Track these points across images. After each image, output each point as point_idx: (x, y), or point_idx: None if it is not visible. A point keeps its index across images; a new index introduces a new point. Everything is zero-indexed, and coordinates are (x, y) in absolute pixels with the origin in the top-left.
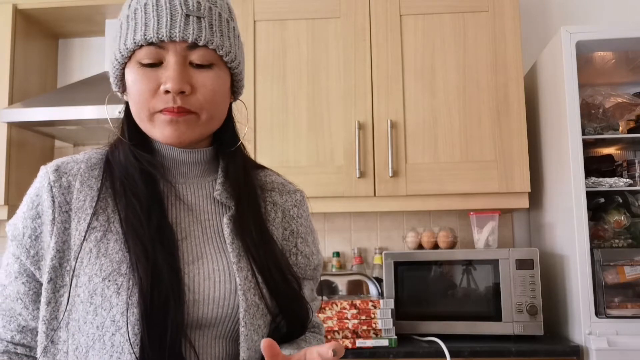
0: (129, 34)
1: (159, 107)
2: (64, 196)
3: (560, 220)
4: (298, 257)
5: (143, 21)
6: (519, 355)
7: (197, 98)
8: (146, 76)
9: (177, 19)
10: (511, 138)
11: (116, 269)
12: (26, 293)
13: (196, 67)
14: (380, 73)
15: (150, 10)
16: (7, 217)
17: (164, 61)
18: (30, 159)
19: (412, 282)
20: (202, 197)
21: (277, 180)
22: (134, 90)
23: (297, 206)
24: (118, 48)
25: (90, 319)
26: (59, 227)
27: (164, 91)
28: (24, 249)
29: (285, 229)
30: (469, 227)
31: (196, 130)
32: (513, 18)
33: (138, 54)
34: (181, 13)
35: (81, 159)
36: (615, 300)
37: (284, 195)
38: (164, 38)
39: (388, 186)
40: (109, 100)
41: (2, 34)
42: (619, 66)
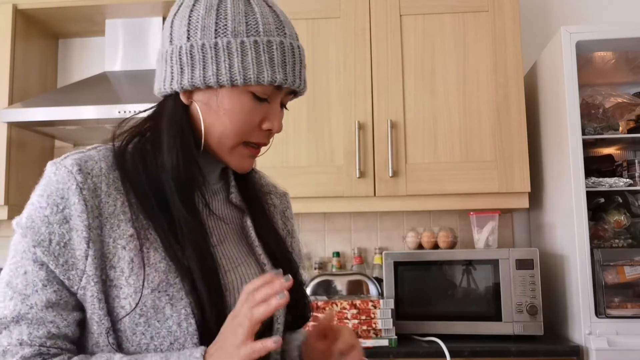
0: (265, 69)
1: (252, 140)
2: (94, 200)
3: (560, 220)
4: (292, 256)
5: (279, 61)
6: (519, 355)
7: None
8: (256, 110)
9: (301, 69)
10: (511, 138)
11: (164, 280)
12: (57, 302)
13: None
14: (380, 73)
15: (286, 52)
16: (7, 217)
17: (271, 100)
18: (30, 159)
19: (412, 282)
20: (220, 202)
21: (269, 182)
22: (240, 118)
23: (289, 207)
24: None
25: (142, 329)
26: (94, 233)
27: (267, 129)
28: (52, 257)
29: (282, 230)
30: (469, 227)
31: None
32: (513, 18)
33: (257, 86)
34: (301, 64)
35: (97, 157)
36: (615, 300)
37: (278, 198)
38: (294, 87)
39: (388, 186)
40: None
41: (2, 34)
42: (619, 66)
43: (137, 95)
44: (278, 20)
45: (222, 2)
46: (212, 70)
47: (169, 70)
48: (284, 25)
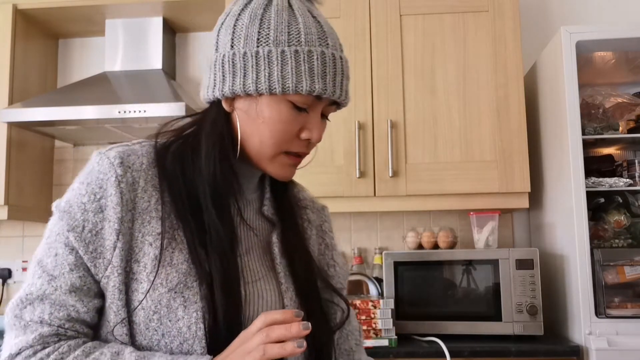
0: (303, 79)
1: (292, 149)
2: (130, 193)
3: (560, 220)
4: (336, 269)
5: (319, 72)
6: (519, 355)
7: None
8: (296, 119)
9: (342, 80)
10: (511, 138)
11: (182, 281)
12: (80, 288)
13: (323, 118)
14: (380, 73)
15: (327, 62)
16: (7, 217)
17: (311, 109)
18: (30, 159)
19: (412, 282)
20: (252, 212)
21: (307, 196)
22: (278, 127)
23: (327, 221)
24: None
25: (154, 326)
26: (125, 226)
27: (306, 138)
28: (83, 243)
29: (320, 244)
30: (469, 227)
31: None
32: (513, 18)
33: (296, 95)
34: (345, 75)
35: (141, 152)
36: (615, 300)
37: (315, 212)
38: (333, 97)
39: (388, 186)
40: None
41: (2, 34)
42: (619, 66)
43: (137, 95)
44: (321, 31)
45: (267, 12)
46: (251, 79)
47: (212, 78)
48: (327, 35)
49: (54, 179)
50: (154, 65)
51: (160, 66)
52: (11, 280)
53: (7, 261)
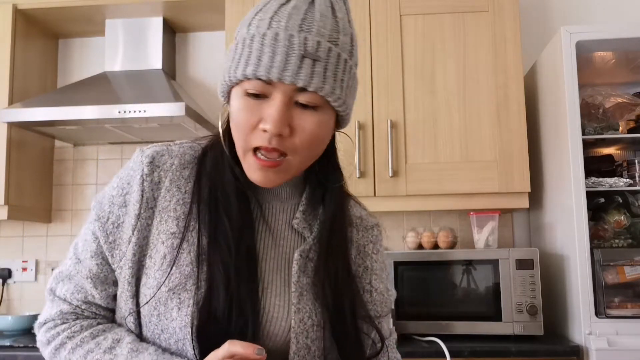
0: (241, 63)
1: (254, 143)
2: (153, 192)
3: (560, 220)
4: (373, 295)
5: (257, 54)
6: (519, 355)
7: (294, 141)
8: (250, 108)
9: (291, 60)
10: (511, 138)
11: (182, 283)
12: (97, 275)
13: (301, 107)
14: (380, 73)
15: (267, 43)
16: (7, 217)
17: (270, 96)
18: (30, 159)
19: (412, 282)
20: (282, 222)
21: (357, 213)
22: (237, 119)
23: (374, 242)
24: (228, 72)
25: (155, 321)
26: (142, 222)
27: (263, 129)
28: (104, 233)
29: (359, 266)
30: (469, 227)
31: (286, 176)
32: (513, 18)
33: (246, 82)
34: (297, 54)
35: (176, 152)
36: (615, 300)
37: (361, 232)
38: (273, 78)
39: (388, 186)
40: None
41: (2, 34)
42: (619, 66)
43: (137, 95)
44: (280, 12)
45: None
46: (223, 72)
47: None
48: (284, 17)
49: (54, 179)
50: (154, 65)
51: (160, 66)
52: (11, 280)
53: (7, 261)
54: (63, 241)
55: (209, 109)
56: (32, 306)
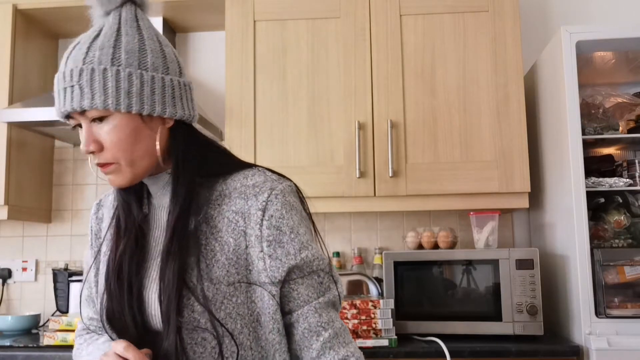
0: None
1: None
2: (99, 225)
3: (560, 220)
4: (266, 261)
5: (55, 99)
6: (519, 355)
7: (108, 151)
8: (80, 137)
9: (61, 95)
10: (511, 138)
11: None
12: (89, 296)
13: (99, 122)
14: (380, 73)
15: (55, 89)
16: (7, 217)
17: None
18: (30, 159)
19: (412, 282)
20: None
21: (250, 182)
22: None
23: (263, 209)
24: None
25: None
26: (95, 250)
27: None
28: (86, 265)
29: (250, 236)
30: (469, 227)
31: (127, 175)
32: (513, 18)
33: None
34: (62, 88)
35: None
36: (615, 300)
37: (250, 200)
38: (60, 116)
39: (388, 186)
40: None
41: (2, 34)
42: (619, 66)
43: None
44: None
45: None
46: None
47: None
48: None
49: (54, 179)
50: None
51: None
52: (11, 280)
53: (7, 261)
54: (63, 241)
55: (209, 109)
56: (32, 306)
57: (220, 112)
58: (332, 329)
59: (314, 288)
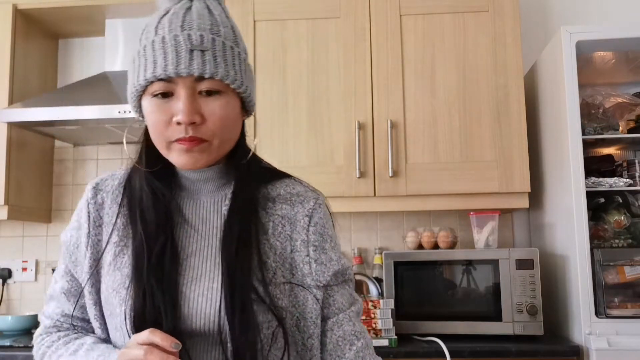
0: (141, 71)
1: (173, 137)
2: (98, 212)
3: (560, 220)
4: (312, 265)
5: (151, 58)
6: (519, 355)
7: (208, 126)
8: (159, 108)
9: (182, 54)
10: (511, 138)
11: (122, 283)
12: (68, 290)
13: (206, 96)
14: (380, 73)
15: (157, 47)
16: (7, 217)
17: (175, 93)
18: (30, 159)
19: (412, 282)
20: (213, 212)
21: (293, 190)
22: (151, 121)
23: (310, 215)
24: (133, 82)
25: (109, 320)
26: (93, 239)
27: (176, 122)
28: (68, 254)
29: (295, 240)
30: (469, 227)
31: (211, 156)
32: (513, 18)
33: (150, 87)
34: (185, 49)
35: (117, 175)
36: (615, 300)
37: (296, 207)
38: (171, 74)
39: (388, 186)
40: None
41: (2, 34)
42: (619, 66)
43: None
44: (161, 21)
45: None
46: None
47: None
48: (165, 23)
49: (54, 179)
50: None
51: None
52: (11, 280)
53: (7, 261)
54: None
55: None
56: (32, 306)
57: None
58: (364, 339)
59: (347, 297)
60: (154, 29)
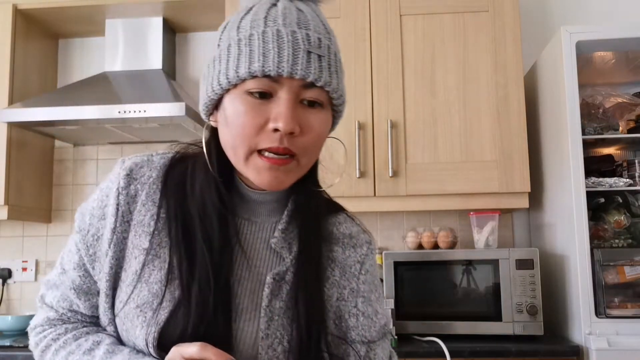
0: (243, 62)
1: (262, 145)
2: (129, 205)
3: (560, 220)
4: (359, 319)
5: (260, 50)
6: (519, 355)
7: (303, 140)
8: (255, 109)
9: (299, 54)
10: (511, 138)
11: (149, 302)
12: (80, 286)
13: (306, 106)
14: (380, 73)
15: (269, 39)
16: (7, 217)
17: (275, 95)
18: (30, 159)
19: (412, 282)
20: (260, 241)
21: (346, 230)
22: (238, 122)
23: (361, 262)
24: (225, 73)
25: (125, 335)
26: (118, 236)
27: (273, 129)
28: (85, 246)
29: (343, 288)
30: (469, 227)
31: (293, 177)
32: (513, 18)
33: (246, 83)
34: (303, 49)
35: (156, 164)
36: (615, 300)
37: (348, 250)
38: (283, 73)
39: (388, 186)
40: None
41: (2, 34)
42: (619, 66)
43: (137, 95)
44: (272, 13)
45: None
46: (209, 82)
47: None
48: (278, 16)
49: (54, 179)
50: (154, 65)
51: (160, 66)
52: (11, 280)
53: (7, 261)
54: (63, 241)
55: None
56: (32, 306)
57: None
58: None
59: (386, 351)
60: (262, 19)
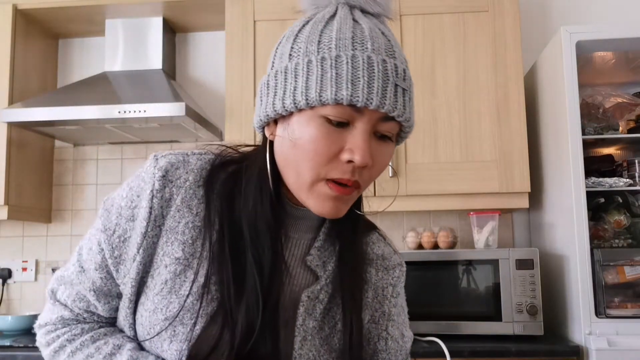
0: (327, 85)
1: (332, 175)
2: (162, 209)
3: (560, 220)
4: (388, 342)
5: (349, 77)
6: (519, 355)
7: (371, 173)
8: (330, 137)
9: (387, 87)
10: (511, 138)
11: (180, 316)
12: (100, 288)
13: (378, 139)
14: None
15: (360, 66)
16: (7, 217)
17: (352, 124)
18: (30, 159)
19: (412, 282)
20: (295, 257)
21: (379, 251)
22: (310, 147)
23: (394, 285)
24: (303, 92)
25: (148, 344)
26: (148, 241)
27: (347, 160)
28: (110, 247)
29: (375, 311)
30: (469, 227)
31: (350, 205)
32: (513, 18)
33: (327, 108)
34: (392, 81)
35: (193, 166)
36: (615, 300)
37: (381, 272)
38: (372, 106)
39: (388, 186)
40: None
41: (2, 34)
42: (619, 66)
43: (137, 95)
44: (361, 35)
45: (304, 26)
46: (279, 96)
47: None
48: (367, 39)
49: (54, 179)
50: (154, 65)
51: (160, 66)
52: (11, 280)
53: (7, 261)
54: (63, 241)
55: (209, 109)
56: (32, 306)
57: (220, 112)
58: None
59: None
60: (349, 38)
